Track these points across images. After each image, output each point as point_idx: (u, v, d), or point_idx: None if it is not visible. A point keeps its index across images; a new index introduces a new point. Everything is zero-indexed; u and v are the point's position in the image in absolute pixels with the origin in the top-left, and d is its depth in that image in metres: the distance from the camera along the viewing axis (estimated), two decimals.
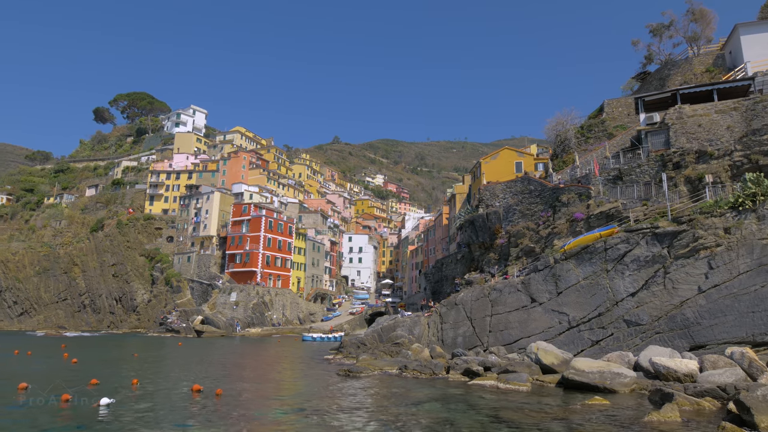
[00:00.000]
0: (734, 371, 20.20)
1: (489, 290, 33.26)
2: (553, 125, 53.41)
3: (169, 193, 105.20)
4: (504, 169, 53.22)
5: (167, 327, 73.13)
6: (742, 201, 27.39)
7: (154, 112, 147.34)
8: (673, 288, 27.27)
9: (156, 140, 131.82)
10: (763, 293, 25.11)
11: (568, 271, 30.71)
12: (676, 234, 28.00)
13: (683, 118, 34.96)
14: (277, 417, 17.89)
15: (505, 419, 17.01)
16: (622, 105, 48.31)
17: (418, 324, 35.89)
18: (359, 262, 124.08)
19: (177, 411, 18.73)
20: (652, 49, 53.20)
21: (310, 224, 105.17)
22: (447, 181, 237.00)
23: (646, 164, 35.28)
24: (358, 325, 79.00)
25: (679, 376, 21.61)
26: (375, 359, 31.68)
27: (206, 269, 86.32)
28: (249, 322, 74.74)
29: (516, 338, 30.87)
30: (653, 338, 27.00)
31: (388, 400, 20.92)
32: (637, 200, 34.14)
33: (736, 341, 24.81)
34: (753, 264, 25.70)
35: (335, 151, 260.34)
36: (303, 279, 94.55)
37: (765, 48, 40.01)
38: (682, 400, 17.73)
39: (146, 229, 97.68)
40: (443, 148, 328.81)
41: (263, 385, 26.05)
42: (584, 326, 29.26)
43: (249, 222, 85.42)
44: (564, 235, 35.52)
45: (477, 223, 45.09)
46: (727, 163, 31.86)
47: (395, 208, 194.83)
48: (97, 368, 31.06)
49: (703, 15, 49.17)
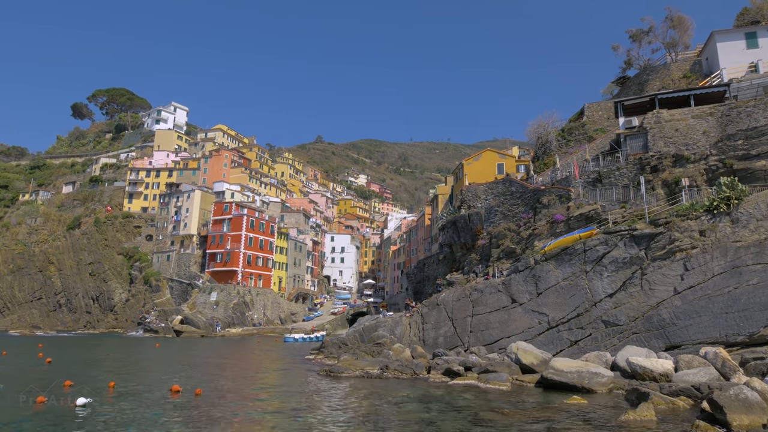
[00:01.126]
0: (708, 371, 20.68)
1: (470, 291, 33.47)
2: (535, 128, 54.03)
3: (149, 191, 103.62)
4: (486, 171, 53.63)
5: (145, 327, 72.02)
6: (716, 204, 28.04)
7: (134, 109, 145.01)
8: (649, 289, 27.78)
9: (136, 137, 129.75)
10: (736, 294, 25.73)
11: (548, 272, 31.07)
12: (653, 236, 28.54)
13: (661, 122, 35.65)
14: (258, 417, 17.76)
15: (484, 419, 17.15)
16: (602, 109, 49.06)
17: (400, 324, 35.95)
18: (341, 262, 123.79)
19: (155, 411, 18.45)
20: (632, 55, 54.20)
21: (293, 224, 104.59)
22: (430, 181, 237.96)
23: (625, 167, 35.88)
24: (339, 325, 78.80)
25: (655, 375, 22.03)
26: (356, 359, 31.65)
27: (186, 268, 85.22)
28: (229, 322, 74.01)
29: (496, 338, 31.12)
30: (630, 338, 27.46)
31: (369, 400, 20.92)
32: (616, 203, 34.70)
33: (710, 341, 25.38)
34: (727, 266, 26.32)
35: (318, 150, 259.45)
36: (285, 279, 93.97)
37: (740, 55, 41.02)
38: (658, 399, 18.07)
39: (125, 228, 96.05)
40: (426, 148, 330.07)
41: (244, 385, 25.82)
42: (563, 326, 29.64)
43: (230, 221, 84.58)
44: (544, 236, 35.93)
45: (459, 223, 45.36)
46: (702, 167, 32.57)
47: (378, 208, 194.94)
48: (74, 368, 30.45)
49: (681, 22, 50.22)
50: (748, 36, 41.45)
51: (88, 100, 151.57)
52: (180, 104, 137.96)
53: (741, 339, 25.31)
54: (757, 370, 20.18)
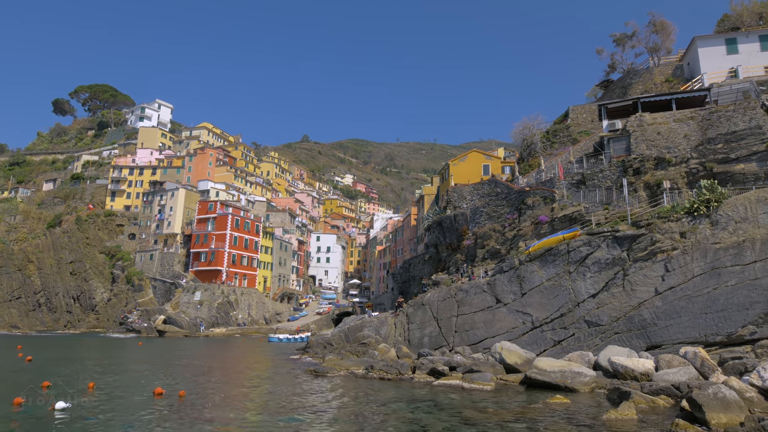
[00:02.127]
0: (687, 370, 21.05)
1: (455, 291, 33.64)
2: (520, 129, 54.42)
3: (132, 189, 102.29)
4: (472, 172, 53.88)
5: (128, 327, 71.11)
6: (697, 207, 28.57)
7: (117, 106, 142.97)
8: (631, 290, 28.20)
9: (119, 134, 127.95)
10: (715, 295, 26.25)
11: (532, 273, 31.36)
12: (635, 237, 28.97)
13: (643, 125, 36.20)
14: (242, 418, 17.65)
15: (469, 418, 17.25)
16: (586, 111, 49.62)
17: (385, 324, 35.99)
18: (327, 262, 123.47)
19: (138, 414, 18.23)
20: (616, 58, 54.87)
21: (278, 223, 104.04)
22: (416, 182, 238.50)
23: (608, 169, 36.36)
24: (325, 325, 78.60)
25: (636, 375, 22.36)
26: (341, 359, 31.61)
27: (170, 268, 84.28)
28: (213, 322, 73.39)
29: (481, 338, 31.32)
30: (612, 338, 27.85)
31: (354, 400, 20.92)
32: (599, 204, 35.15)
33: (690, 341, 25.86)
34: (706, 267, 26.84)
35: (304, 149, 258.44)
36: (270, 278, 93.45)
37: (720, 60, 41.82)
38: (639, 398, 18.35)
39: (107, 226, 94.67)
40: (412, 149, 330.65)
41: (228, 386, 25.64)
42: (547, 326, 29.94)
43: (215, 220, 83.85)
44: (529, 237, 36.26)
45: (445, 224, 45.54)
46: (683, 170, 33.16)
47: (364, 208, 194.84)
48: (54, 369, 29.95)
49: (664, 27, 51.01)
50: (728, 42, 42.28)
51: (70, 96, 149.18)
52: (164, 101, 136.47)
53: (719, 339, 25.83)
54: (734, 369, 20.59)
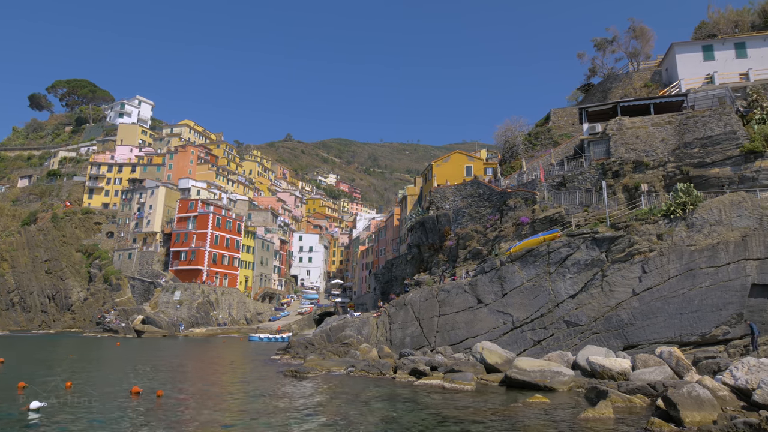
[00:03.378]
0: (663, 369, 21.48)
1: (437, 291, 33.80)
2: (503, 131, 54.94)
3: (111, 187, 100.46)
4: (455, 173, 54.19)
5: (105, 327, 69.81)
6: (673, 209, 29.19)
7: (96, 101, 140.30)
8: (609, 290, 28.67)
9: (97, 130, 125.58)
10: (690, 296, 26.84)
11: (513, 273, 31.67)
12: (613, 239, 29.45)
13: (623, 129, 36.82)
14: (221, 418, 17.48)
15: (449, 418, 17.35)
16: (567, 114, 50.27)
17: (367, 324, 35.99)
18: (309, 262, 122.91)
19: (114, 414, 17.94)
20: (596, 63, 55.70)
21: (260, 222, 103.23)
22: (399, 182, 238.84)
23: (588, 172, 36.91)
24: (306, 325, 78.24)
25: (614, 374, 22.74)
26: (323, 359, 31.52)
27: (149, 267, 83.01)
28: (193, 322, 72.51)
29: (462, 338, 31.52)
30: (591, 338, 28.28)
31: (335, 400, 20.88)
32: (579, 206, 35.65)
33: (666, 341, 26.40)
34: (682, 269, 27.42)
35: (287, 148, 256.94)
36: (251, 278, 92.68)
37: (697, 67, 42.73)
38: (616, 397, 18.67)
39: (84, 224, 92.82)
40: (396, 149, 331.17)
41: (207, 386, 25.37)
42: (527, 327, 30.27)
43: (196, 219, 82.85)
44: (510, 238, 36.61)
45: (427, 224, 45.73)
46: (661, 174, 33.83)
47: (347, 208, 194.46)
48: (28, 369, 29.27)
49: (643, 33, 51.95)
50: (705, 49, 43.22)
51: (48, 91, 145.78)
52: (145, 98, 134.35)
53: (694, 339, 26.43)
54: (708, 368, 21.07)
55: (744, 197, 28.51)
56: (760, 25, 47.94)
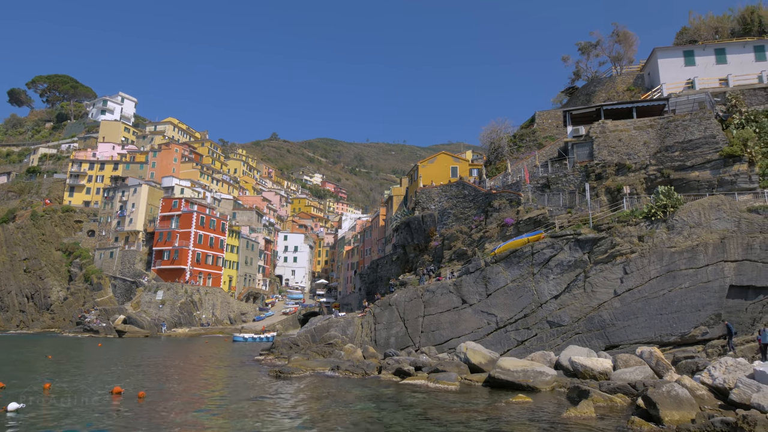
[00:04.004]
0: (643, 369, 21.83)
1: (422, 291, 33.89)
2: (488, 133, 55.31)
3: (92, 184, 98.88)
4: (440, 173, 54.40)
5: (85, 327, 68.69)
6: (654, 212, 29.67)
7: (78, 98, 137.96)
8: (592, 291, 29.04)
9: (79, 127, 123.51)
10: (670, 297, 27.31)
11: (497, 274, 31.89)
12: (596, 240, 29.84)
13: (606, 132, 37.33)
14: (204, 420, 17.33)
15: (433, 418, 17.42)
16: (551, 117, 50.79)
17: (352, 324, 35.95)
18: (294, 262, 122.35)
19: (95, 415, 17.67)
20: (581, 66, 56.42)
21: (245, 222, 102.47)
22: (385, 182, 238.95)
23: (572, 174, 37.34)
24: (291, 325, 77.87)
25: (595, 374, 23.04)
26: (307, 360, 31.42)
27: (131, 266, 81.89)
28: (176, 322, 71.70)
29: (447, 338, 31.65)
30: (573, 338, 28.60)
31: (319, 400, 20.83)
32: (563, 208, 36.04)
33: (646, 341, 26.82)
34: (662, 270, 27.88)
35: (273, 147, 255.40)
36: (235, 278, 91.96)
37: (679, 72, 43.53)
38: (597, 396, 18.93)
39: (64, 222, 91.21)
40: (382, 149, 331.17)
41: (190, 386, 25.12)
42: (511, 327, 30.51)
43: (179, 217, 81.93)
44: (495, 239, 36.86)
45: (413, 225, 45.84)
46: (642, 176, 34.37)
47: (332, 207, 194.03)
48: (6, 369, 28.69)
49: (627, 37, 52.73)
50: (686, 54, 44.04)
51: (27, 87, 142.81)
52: (128, 95, 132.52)
53: (673, 339, 26.89)
54: (687, 368, 21.46)
55: (723, 200, 29.09)
56: (739, 31, 48.99)
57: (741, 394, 15.65)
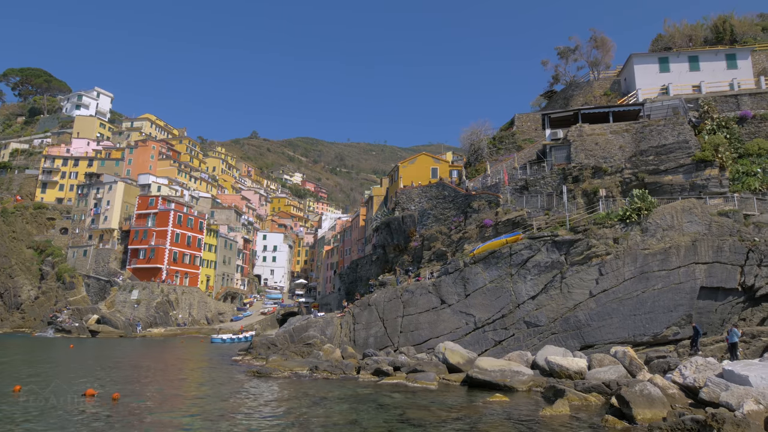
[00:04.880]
0: (617, 369, 22.26)
1: (401, 291, 34.00)
2: (468, 135, 55.71)
3: (66, 181, 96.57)
4: (421, 174, 54.64)
5: (57, 326, 67.06)
6: (629, 214, 30.30)
7: (52, 92, 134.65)
8: (568, 292, 29.50)
9: (52, 122, 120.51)
10: (643, 298, 27.91)
11: (476, 275, 32.17)
12: (572, 242, 30.33)
13: (583, 136, 37.96)
14: (180, 421, 17.10)
15: (411, 418, 17.50)
16: (531, 120, 51.41)
17: (331, 324, 35.85)
18: (273, 261, 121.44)
19: (68, 417, 17.28)
20: (559, 70, 57.20)
21: (223, 220, 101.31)
22: (365, 182, 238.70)
23: (550, 176, 37.89)
24: (269, 325, 77.25)
25: (571, 373, 23.42)
26: (285, 360, 31.24)
27: (105, 265, 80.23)
28: (151, 322, 70.50)
29: (426, 338, 31.80)
30: (549, 338, 29.02)
31: (298, 401, 20.74)
32: (541, 209, 36.53)
33: (620, 341, 27.36)
34: (636, 272, 28.49)
35: (253, 146, 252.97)
36: (213, 277, 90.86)
37: (654, 78, 44.50)
38: (572, 395, 19.25)
39: (36, 219, 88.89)
40: (363, 150, 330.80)
41: (166, 388, 24.74)
42: (489, 327, 30.81)
43: (156, 216, 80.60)
44: (474, 239, 37.17)
45: (393, 225, 45.93)
46: (618, 179, 35.06)
47: (312, 207, 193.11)
48: None
49: (604, 43, 53.71)
50: (661, 60, 45.05)
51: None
52: (104, 90, 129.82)
53: (646, 339, 27.49)
54: (659, 367, 21.96)
55: (694, 204, 29.86)
56: (712, 39, 50.34)
57: (710, 393, 16.08)
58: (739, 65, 43.21)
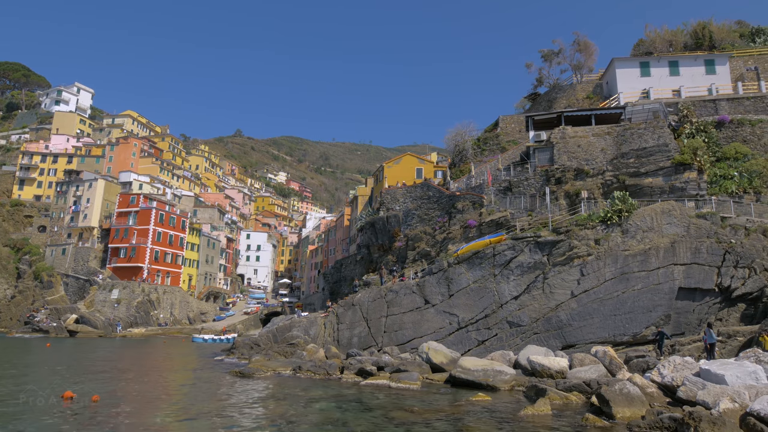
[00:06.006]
0: (598, 368, 22.58)
1: (385, 291, 34.04)
2: (453, 135, 55.95)
3: (44, 178, 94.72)
4: (405, 174, 54.77)
5: (34, 326, 65.76)
6: (610, 216, 30.76)
7: (30, 87, 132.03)
8: (550, 292, 29.85)
9: (31, 118, 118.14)
10: (623, 298, 28.36)
11: (459, 275, 32.36)
12: (555, 243, 30.69)
13: (566, 138, 38.42)
14: (162, 422, 16.90)
15: (394, 417, 17.53)
16: (515, 122, 51.85)
17: (315, 324, 35.75)
18: (257, 261, 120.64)
19: (44, 420, 16.94)
20: (543, 73, 57.81)
21: (206, 219, 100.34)
22: (350, 182, 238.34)
23: (533, 178, 38.27)
24: (252, 325, 76.74)
25: (552, 372, 23.68)
26: (268, 360, 31.05)
27: (84, 264, 78.89)
28: (132, 322, 69.53)
29: (409, 338, 31.89)
30: (532, 338, 29.33)
31: (280, 401, 20.64)
32: (524, 210, 36.88)
33: (601, 341, 27.76)
34: (616, 272, 28.93)
35: (237, 144, 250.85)
36: (195, 276, 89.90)
37: (635, 82, 45.25)
38: (554, 394, 19.47)
39: (13, 217, 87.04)
40: (348, 149, 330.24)
41: (147, 389, 24.42)
42: (472, 327, 31.02)
43: (137, 214, 79.53)
44: (458, 240, 37.38)
45: (377, 225, 45.96)
46: (599, 182, 35.56)
47: (297, 206, 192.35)
48: None
49: (587, 47, 54.42)
50: (642, 65, 45.82)
51: None
52: (84, 85, 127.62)
53: (626, 339, 27.94)
54: (638, 367, 22.33)
55: (673, 206, 30.43)
56: (691, 45, 51.33)
57: (688, 392, 16.40)
58: (718, 71, 44.15)
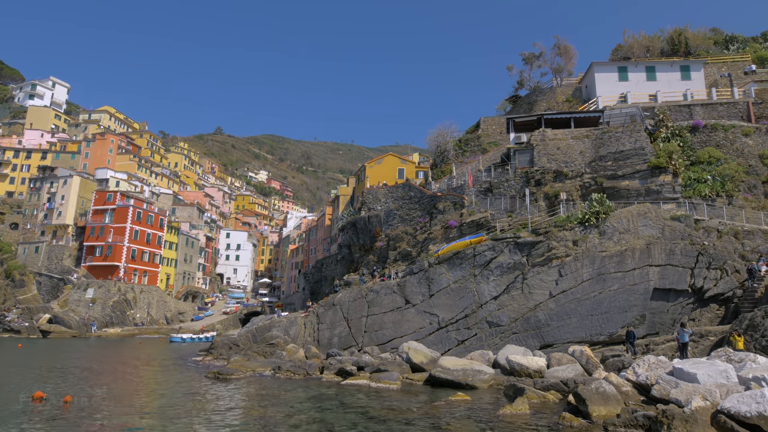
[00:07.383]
0: (575, 367, 22.91)
1: (366, 291, 34.02)
2: (435, 136, 56.18)
3: (17, 174, 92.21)
4: (387, 175, 54.82)
5: (5, 326, 63.98)
6: (588, 218, 31.24)
7: (3, 80, 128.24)
8: (529, 292, 30.19)
9: (3, 112, 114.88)
10: (600, 299, 28.84)
11: (440, 275, 32.51)
12: (534, 244, 31.05)
13: (545, 140, 38.91)
14: (136, 424, 16.61)
15: (374, 417, 17.53)
16: (496, 123, 52.30)
17: (295, 324, 35.55)
18: (236, 260, 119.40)
19: (14, 421, 16.50)
20: (524, 76, 58.43)
21: (185, 218, 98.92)
22: (332, 182, 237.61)
23: (513, 179, 38.67)
24: (231, 325, 75.94)
25: (530, 372, 23.96)
26: (248, 360, 30.78)
27: (58, 262, 77.10)
28: (108, 322, 68.15)
29: (390, 338, 31.93)
30: (511, 338, 29.63)
31: (259, 402, 20.47)
32: (504, 211, 37.23)
33: (578, 341, 28.19)
34: (594, 273, 29.40)
35: (217, 142, 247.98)
36: (173, 276, 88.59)
37: (613, 86, 46.04)
38: (532, 393, 19.69)
39: None
40: (330, 149, 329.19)
41: (121, 390, 23.98)
42: (452, 327, 31.19)
43: (114, 212, 78.03)
44: (439, 240, 37.56)
45: (359, 225, 45.91)
46: (578, 184, 36.10)
47: (278, 205, 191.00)
48: None
49: (567, 51, 55.16)
50: (620, 70, 46.65)
51: None
52: (60, 80, 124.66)
53: (602, 338, 28.41)
54: (614, 366, 22.72)
55: (649, 208, 31.04)
56: (668, 51, 52.44)
57: (661, 390, 16.73)
58: (693, 77, 45.19)
